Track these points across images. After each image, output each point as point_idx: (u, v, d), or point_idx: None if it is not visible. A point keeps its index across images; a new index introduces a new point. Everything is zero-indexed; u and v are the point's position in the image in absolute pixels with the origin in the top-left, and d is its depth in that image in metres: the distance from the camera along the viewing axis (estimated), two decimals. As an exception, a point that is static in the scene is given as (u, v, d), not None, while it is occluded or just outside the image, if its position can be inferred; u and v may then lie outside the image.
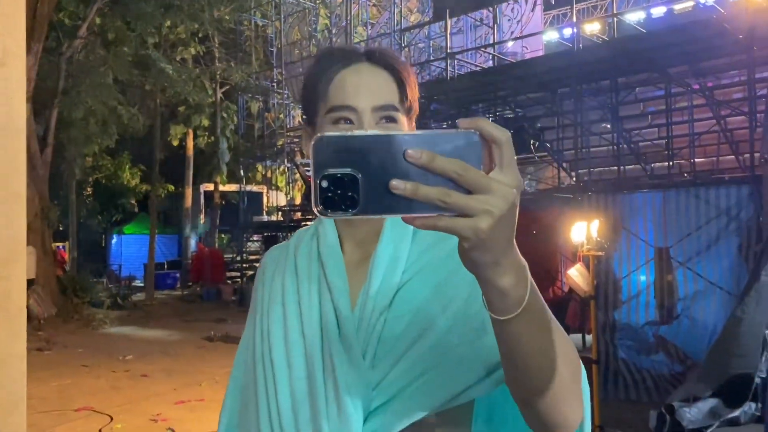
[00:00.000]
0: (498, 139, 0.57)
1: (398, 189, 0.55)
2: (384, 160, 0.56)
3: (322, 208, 0.56)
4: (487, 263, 0.59)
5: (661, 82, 10.47)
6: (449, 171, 0.55)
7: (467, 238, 0.57)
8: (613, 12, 10.05)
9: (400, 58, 1.00)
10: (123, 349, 9.38)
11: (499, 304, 0.63)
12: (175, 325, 12.10)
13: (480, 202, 0.56)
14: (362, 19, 17.35)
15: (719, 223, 7.08)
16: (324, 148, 0.56)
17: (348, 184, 0.56)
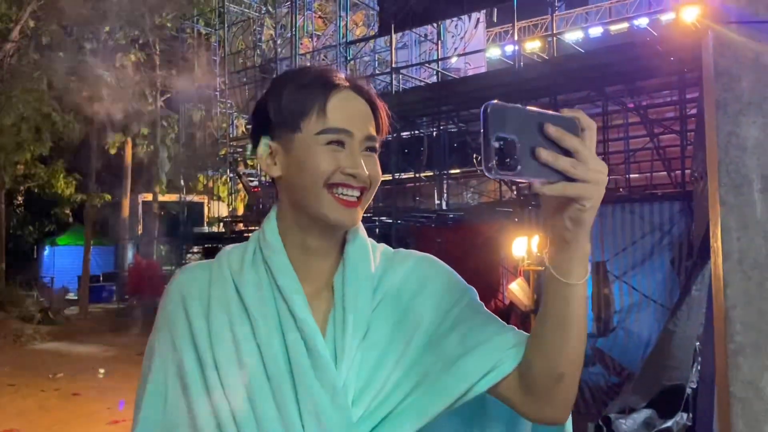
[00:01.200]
0: (591, 125, 0.73)
1: (543, 157, 0.68)
2: (531, 131, 0.68)
3: (494, 165, 0.66)
4: (588, 224, 0.74)
5: (598, 100, 10.81)
6: (576, 145, 0.71)
7: (590, 198, 0.72)
8: (552, 31, 10.33)
9: (372, 88, 1.02)
10: (53, 366, 8.98)
11: (576, 268, 0.77)
12: (110, 341, 11.69)
13: (597, 172, 0.72)
14: (308, 30, 17.30)
15: (653, 237, 7.33)
16: (495, 114, 0.67)
17: (512, 148, 0.67)
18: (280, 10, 17.08)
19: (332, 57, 15.57)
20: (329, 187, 0.90)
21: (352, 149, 0.92)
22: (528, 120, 0.68)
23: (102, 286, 19.70)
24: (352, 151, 0.92)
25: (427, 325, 0.91)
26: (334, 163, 0.91)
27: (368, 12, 16.70)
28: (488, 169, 0.66)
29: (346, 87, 0.96)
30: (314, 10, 17.65)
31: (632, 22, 13.00)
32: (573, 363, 0.84)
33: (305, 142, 0.92)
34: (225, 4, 17.33)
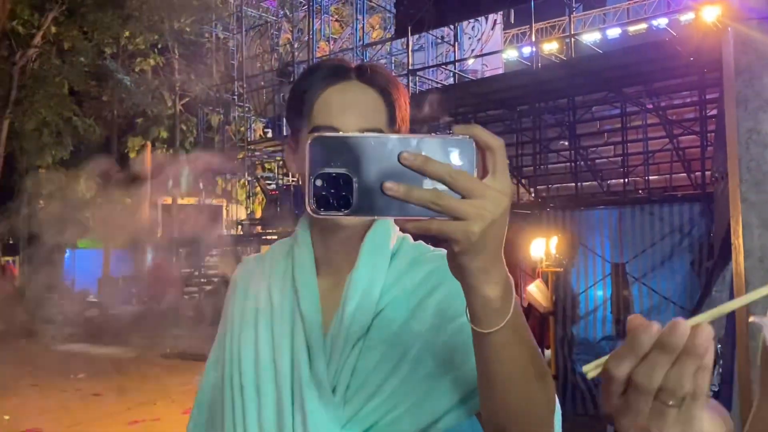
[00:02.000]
0: (491, 145, 0.58)
1: (391, 191, 0.55)
2: (379, 162, 0.56)
3: (315, 207, 0.57)
4: (476, 269, 0.59)
5: (616, 101, 10.73)
6: (443, 174, 0.55)
7: (458, 241, 0.57)
8: (570, 32, 10.27)
9: (391, 77, 0.96)
10: (74, 367, 9.09)
11: (484, 316, 0.62)
12: (129, 342, 11.80)
13: (472, 206, 0.56)
14: (325, 34, 17.38)
15: (673, 239, 7.25)
16: (320, 147, 0.57)
17: (342, 184, 0.56)
18: (298, 14, 17.18)
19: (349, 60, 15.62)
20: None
21: None
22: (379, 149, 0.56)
23: (122, 289, 19.89)
24: None
25: (428, 333, 0.87)
26: None
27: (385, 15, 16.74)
28: (311, 211, 0.57)
29: (349, 78, 0.93)
30: (331, 14, 17.74)
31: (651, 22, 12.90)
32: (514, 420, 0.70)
33: (304, 140, 0.91)
34: (243, 8, 17.47)
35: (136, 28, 15.54)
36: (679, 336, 0.46)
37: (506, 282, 0.62)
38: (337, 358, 0.87)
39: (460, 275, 0.61)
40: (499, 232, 0.58)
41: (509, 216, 0.59)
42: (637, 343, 0.47)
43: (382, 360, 0.86)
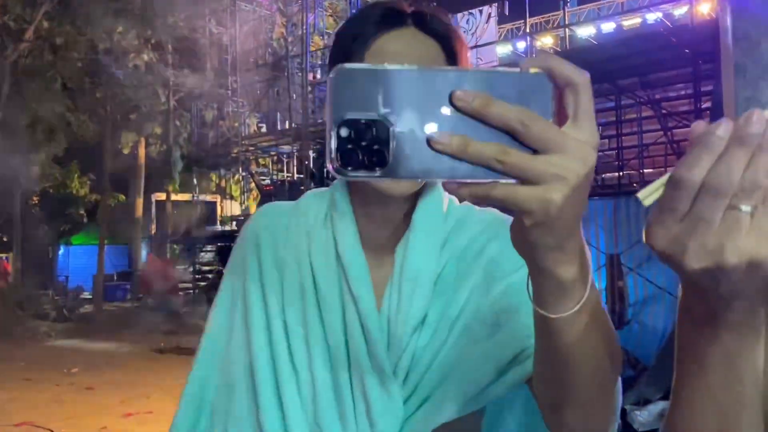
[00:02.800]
0: (574, 81, 0.44)
1: (440, 144, 0.42)
2: (424, 105, 0.42)
3: (340, 165, 0.42)
4: (549, 247, 0.46)
5: (611, 93, 10.74)
6: (511, 120, 0.42)
7: (532, 213, 0.44)
8: (564, 24, 10.28)
9: (452, 25, 0.84)
10: (68, 361, 9.05)
11: (553, 299, 0.50)
12: (124, 337, 11.76)
13: (551, 164, 0.42)
14: (319, 28, 17.33)
15: (667, 230, 7.25)
16: (346, 84, 0.42)
17: (375, 135, 0.42)
18: (291, 8, 17.12)
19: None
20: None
21: None
22: (425, 87, 0.42)
23: (116, 285, 19.85)
24: None
25: (475, 298, 0.81)
26: None
27: (379, 9, 16.71)
28: (334, 170, 0.43)
29: (406, 24, 0.81)
30: (325, 8, 17.69)
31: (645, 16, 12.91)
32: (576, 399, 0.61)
33: None
34: (236, 3, 17.41)
35: (129, 24, 15.45)
36: (759, 125, 0.40)
37: (583, 258, 0.50)
38: (396, 342, 0.81)
39: (529, 253, 0.48)
40: (582, 197, 0.45)
41: None
42: (712, 140, 0.41)
43: (435, 334, 0.81)
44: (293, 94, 15.47)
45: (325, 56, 17.11)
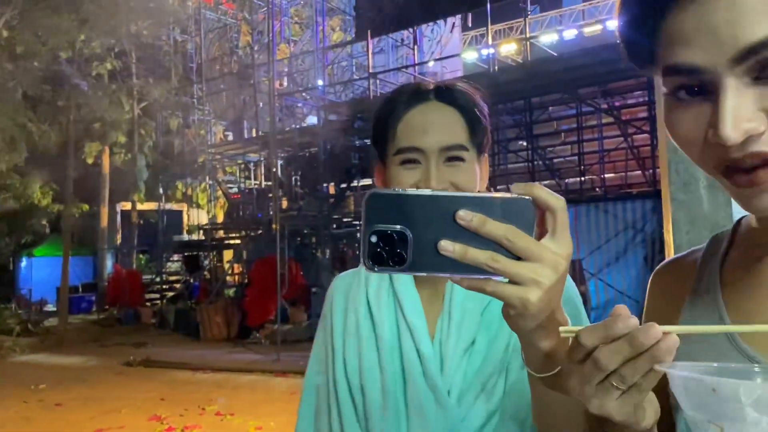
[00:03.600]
0: (552, 206, 0.55)
1: (446, 250, 0.54)
2: (435, 220, 0.55)
3: (371, 263, 0.56)
4: (531, 329, 0.59)
5: (572, 101, 11.01)
6: (500, 236, 0.53)
7: (514, 306, 0.56)
8: (526, 35, 10.51)
9: (470, 94, 1.00)
10: (35, 377, 8.93)
11: (538, 363, 0.63)
12: (91, 351, 11.62)
13: (529, 270, 0.54)
14: (285, 36, 17.36)
15: (626, 235, 7.51)
16: (376, 203, 0.56)
17: (397, 241, 0.55)
18: (257, 17, 17.12)
19: (310, 62, 15.65)
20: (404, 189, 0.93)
21: (428, 164, 0.94)
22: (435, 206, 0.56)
23: (81, 297, 19.51)
24: (428, 166, 0.94)
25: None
26: (409, 180, 0.95)
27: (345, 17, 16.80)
28: (367, 268, 0.56)
29: (429, 99, 0.98)
30: (291, 16, 17.72)
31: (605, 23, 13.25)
32: None
33: (389, 164, 0.98)
34: (201, 11, 17.34)
35: (92, 32, 15.26)
36: (649, 338, 0.49)
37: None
38: (448, 365, 0.94)
39: (516, 331, 0.61)
40: (556, 293, 0.57)
41: None
42: (612, 327, 0.50)
43: (486, 361, 0.94)
44: (260, 102, 15.47)
45: (291, 64, 17.15)
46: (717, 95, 0.52)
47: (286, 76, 16.94)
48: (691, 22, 0.53)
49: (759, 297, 0.62)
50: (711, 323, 0.64)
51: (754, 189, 0.53)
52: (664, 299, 0.73)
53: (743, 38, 0.50)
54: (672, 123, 0.58)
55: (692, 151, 0.58)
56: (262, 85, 15.49)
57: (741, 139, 0.51)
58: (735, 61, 0.51)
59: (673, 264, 0.76)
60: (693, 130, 0.56)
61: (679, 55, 0.54)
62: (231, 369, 9.18)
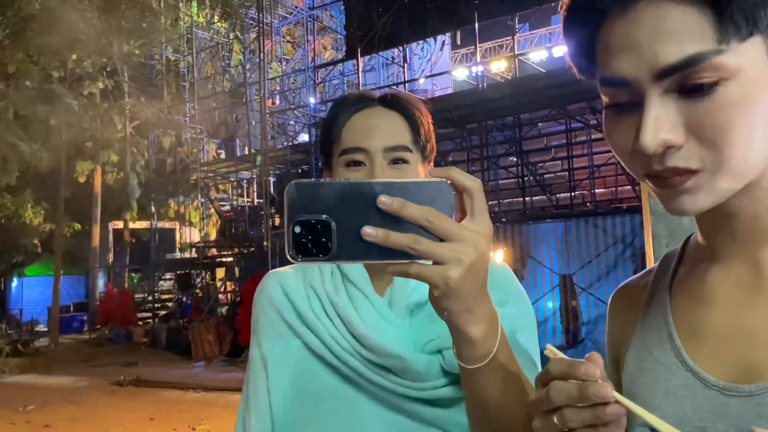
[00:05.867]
0: (469, 187, 0.58)
1: (369, 236, 0.55)
2: (357, 207, 0.56)
3: (294, 253, 0.56)
4: (458, 311, 0.60)
5: (561, 117, 11.09)
6: (419, 218, 0.55)
7: (437, 286, 0.57)
8: (514, 53, 10.61)
9: (413, 100, 1.03)
10: (23, 398, 8.83)
11: (468, 353, 0.63)
12: (81, 371, 11.51)
13: (450, 249, 0.56)
14: (277, 54, 17.46)
15: (616, 250, 7.53)
16: (297, 194, 0.56)
17: (321, 230, 0.56)
18: (249, 36, 17.22)
19: (302, 80, 15.74)
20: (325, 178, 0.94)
21: (372, 165, 0.95)
22: (356, 194, 0.56)
23: (73, 316, 19.37)
24: (372, 167, 0.95)
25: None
26: None
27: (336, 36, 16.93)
28: (290, 257, 0.57)
29: (373, 105, 1.00)
30: (282, 35, 17.84)
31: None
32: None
33: (335, 166, 0.99)
34: (193, 30, 17.43)
35: (84, 52, 15.31)
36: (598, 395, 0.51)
37: (491, 320, 0.63)
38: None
39: (443, 315, 0.61)
40: (479, 273, 0.58)
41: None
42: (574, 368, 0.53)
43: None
44: (252, 120, 15.51)
45: (283, 82, 17.23)
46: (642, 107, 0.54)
47: (278, 94, 17.02)
48: (620, 36, 0.55)
49: (703, 312, 0.64)
50: (660, 339, 0.66)
51: (673, 190, 0.56)
52: (620, 321, 0.74)
53: (663, 57, 0.52)
54: (608, 133, 0.60)
55: (624, 160, 0.60)
56: (254, 103, 15.56)
57: (659, 149, 0.53)
58: (657, 76, 0.53)
59: (628, 286, 0.77)
60: (623, 140, 0.58)
61: (609, 68, 0.56)
62: (222, 388, 9.12)
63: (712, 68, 0.51)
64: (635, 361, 0.68)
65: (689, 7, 0.52)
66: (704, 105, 0.52)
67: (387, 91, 1.04)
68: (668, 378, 0.63)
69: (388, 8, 10.30)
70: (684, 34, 0.52)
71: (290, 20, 17.30)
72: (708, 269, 0.65)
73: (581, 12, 0.59)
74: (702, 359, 0.62)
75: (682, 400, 0.61)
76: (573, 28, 0.61)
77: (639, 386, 0.66)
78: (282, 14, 17.02)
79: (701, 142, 0.53)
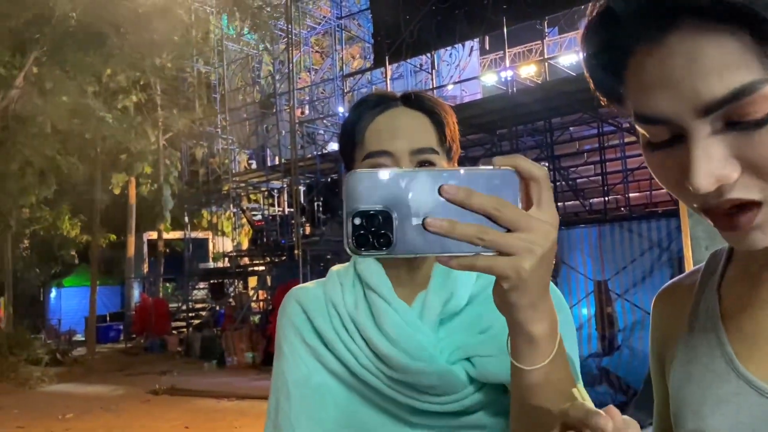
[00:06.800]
0: (536, 176, 0.55)
1: (433, 226, 0.52)
2: (419, 198, 0.54)
3: (354, 246, 0.54)
4: (524, 306, 0.57)
5: (593, 121, 10.94)
6: (487, 207, 0.53)
7: (508, 278, 0.55)
8: (544, 57, 10.51)
9: (436, 99, 1.00)
10: (62, 407, 9.00)
11: (528, 352, 0.61)
12: (118, 380, 11.69)
13: (521, 239, 0.53)
14: (305, 65, 17.60)
15: (652, 255, 7.38)
16: (357, 184, 0.54)
17: (381, 222, 0.53)
18: (278, 47, 17.40)
19: (330, 90, 15.83)
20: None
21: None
22: (418, 184, 0.54)
23: (109, 326, 19.72)
24: None
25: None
26: None
27: (364, 45, 17.00)
28: (350, 251, 0.54)
29: (396, 105, 0.97)
30: (311, 45, 17.99)
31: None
32: None
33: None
34: (223, 42, 17.68)
35: (118, 66, 15.64)
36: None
37: (552, 318, 0.61)
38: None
39: (508, 311, 0.59)
40: (548, 265, 0.56)
41: None
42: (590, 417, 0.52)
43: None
44: (282, 130, 15.65)
45: (312, 92, 17.35)
46: (687, 144, 0.51)
47: (307, 104, 17.14)
48: (652, 73, 0.51)
49: (755, 315, 0.61)
50: (709, 344, 0.63)
51: (738, 233, 0.52)
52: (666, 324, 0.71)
53: (706, 93, 0.48)
54: (653, 170, 0.57)
55: (676, 194, 0.57)
56: (284, 113, 15.69)
57: (713, 188, 0.50)
58: (701, 113, 0.49)
59: (672, 287, 0.74)
60: (672, 176, 0.55)
61: (645, 106, 0.53)
62: (256, 396, 9.16)
63: (764, 98, 0.47)
64: (683, 366, 0.65)
65: (725, 38, 0.47)
66: (759, 136, 0.48)
67: (409, 91, 1.01)
68: (719, 385, 0.60)
69: (416, 15, 10.30)
70: (725, 66, 0.48)
71: (318, 30, 17.42)
72: (761, 270, 0.62)
73: (602, 50, 0.55)
74: (755, 366, 0.59)
75: (735, 408, 0.58)
76: (595, 66, 0.57)
77: (687, 393, 0.63)
78: (310, 24, 17.16)
79: (759, 174, 0.50)
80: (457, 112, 1.05)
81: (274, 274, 15.38)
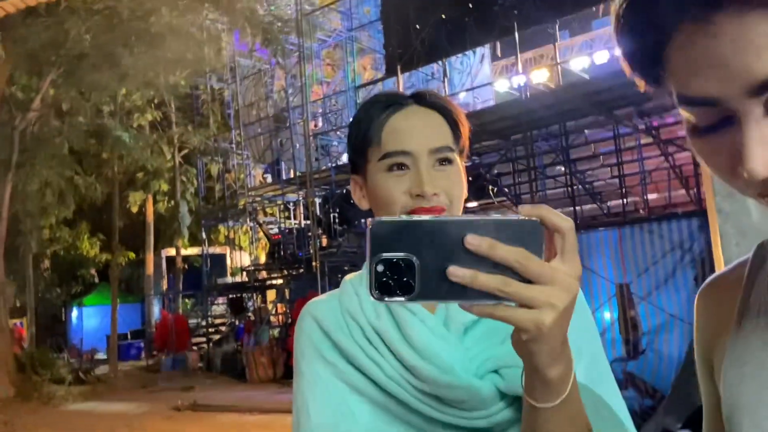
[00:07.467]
0: (561, 227, 0.55)
1: (456, 276, 0.53)
2: (442, 245, 0.54)
3: (378, 293, 0.54)
4: (542, 353, 0.58)
5: (608, 123, 10.86)
6: (511, 260, 0.52)
7: (528, 331, 0.55)
8: (556, 61, 10.47)
9: (448, 99, 1.00)
10: (87, 426, 9.04)
11: (541, 393, 0.62)
12: (140, 397, 11.73)
13: (543, 293, 0.53)
14: (317, 78, 17.68)
15: (674, 256, 7.27)
16: (380, 231, 0.54)
17: (404, 269, 0.54)
18: (290, 61, 17.50)
19: (343, 101, 15.89)
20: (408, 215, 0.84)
21: (417, 168, 0.91)
22: (441, 232, 0.54)
23: (130, 344, 19.83)
24: (417, 170, 0.90)
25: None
26: (399, 187, 0.91)
27: (375, 56, 17.05)
28: (374, 298, 0.54)
29: (409, 104, 0.96)
30: (323, 58, 18.07)
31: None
32: None
33: (373, 171, 0.94)
34: (236, 59, 17.82)
35: (133, 86, 15.82)
36: None
37: (568, 361, 0.61)
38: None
39: (525, 356, 0.60)
40: (568, 316, 0.56)
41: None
42: None
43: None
44: (296, 143, 15.71)
45: (325, 104, 17.42)
46: (739, 126, 0.48)
47: (320, 116, 17.21)
48: (698, 53, 0.48)
49: None
50: (763, 342, 0.59)
51: None
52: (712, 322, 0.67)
53: (759, 71, 0.45)
54: (699, 153, 0.54)
55: (728, 180, 0.53)
56: (297, 126, 15.75)
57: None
58: (752, 92, 0.46)
59: (717, 281, 0.70)
60: (724, 163, 0.51)
61: (691, 87, 0.50)
62: (278, 410, 9.14)
63: None
64: (735, 366, 0.61)
65: None
66: None
67: (420, 90, 0.99)
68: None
69: (426, 24, 10.31)
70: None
71: (329, 43, 17.51)
72: None
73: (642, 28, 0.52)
74: None
75: None
76: (633, 46, 0.54)
77: (742, 395, 0.60)
78: (321, 38, 17.25)
79: None
80: (471, 119, 1.03)
81: (292, 287, 15.40)
